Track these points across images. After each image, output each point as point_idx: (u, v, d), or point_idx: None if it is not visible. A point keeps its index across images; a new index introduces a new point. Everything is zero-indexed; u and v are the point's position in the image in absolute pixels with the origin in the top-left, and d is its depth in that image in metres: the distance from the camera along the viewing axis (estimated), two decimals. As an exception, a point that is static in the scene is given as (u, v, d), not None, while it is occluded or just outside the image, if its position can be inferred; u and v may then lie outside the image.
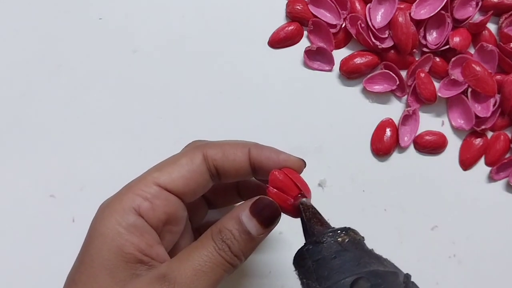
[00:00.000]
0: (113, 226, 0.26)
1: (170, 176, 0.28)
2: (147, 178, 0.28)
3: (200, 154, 0.29)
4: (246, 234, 0.27)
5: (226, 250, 0.27)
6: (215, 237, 0.27)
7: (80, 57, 0.44)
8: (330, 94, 0.44)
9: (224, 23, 0.44)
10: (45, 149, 0.42)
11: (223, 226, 0.27)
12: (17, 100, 0.43)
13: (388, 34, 0.43)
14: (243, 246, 0.27)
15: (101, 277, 0.26)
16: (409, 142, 0.43)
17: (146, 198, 0.27)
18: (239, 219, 0.27)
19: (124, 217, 0.27)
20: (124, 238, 0.26)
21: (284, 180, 0.29)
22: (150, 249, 0.27)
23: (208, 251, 0.27)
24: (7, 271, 0.40)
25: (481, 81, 0.41)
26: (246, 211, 0.27)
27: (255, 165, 0.30)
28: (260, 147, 0.30)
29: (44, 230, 0.41)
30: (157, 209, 0.27)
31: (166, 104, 0.43)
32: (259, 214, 0.27)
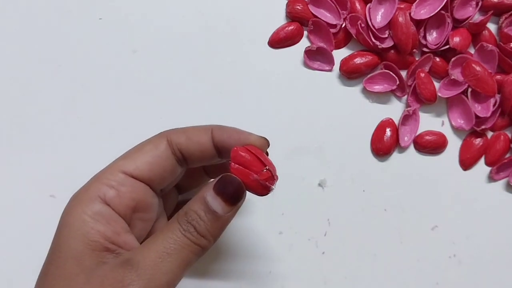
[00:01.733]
0: (79, 215, 0.26)
1: (135, 163, 0.28)
2: (113, 167, 0.28)
3: (164, 139, 0.29)
4: (211, 213, 0.27)
5: (191, 231, 0.26)
6: (180, 219, 0.27)
7: (80, 57, 0.44)
8: (330, 94, 0.44)
9: (224, 23, 0.45)
10: (45, 149, 0.42)
11: (188, 208, 0.27)
12: (17, 100, 0.43)
13: (388, 34, 0.43)
14: (210, 226, 0.27)
15: (68, 266, 0.26)
16: (409, 142, 0.43)
17: (112, 186, 0.27)
18: (204, 199, 0.27)
19: (89, 206, 0.27)
20: (89, 226, 0.26)
21: (247, 156, 0.28)
22: (117, 237, 0.27)
23: (173, 233, 0.26)
24: (7, 271, 0.40)
25: (481, 81, 0.41)
26: (210, 190, 0.27)
27: (219, 146, 0.30)
28: (223, 128, 0.30)
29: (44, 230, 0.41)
30: (123, 196, 0.27)
31: (166, 104, 0.43)
32: (223, 192, 0.27)
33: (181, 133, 0.30)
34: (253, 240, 0.41)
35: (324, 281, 0.41)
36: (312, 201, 0.42)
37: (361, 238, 0.42)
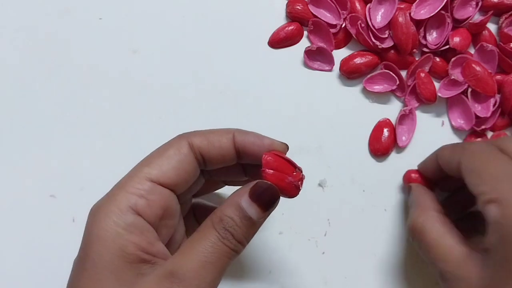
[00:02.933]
0: (112, 227, 0.26)
1: (161, 170, 0.28)
2: (139, 175, 0.28)
3: (186, 143, 0.29)
4: (247, 219, 0.27)
5: (229, 238, 0.27)
6: (216, 226, 0.27)
7: (80, 57, 0.44)
8: (330, 94, 0.44)
9: (224, 23, 0.45)
10: (45, 149, 0.42)
11: (223, 214, 0.27)
12: (17, 100, 0.43)
13: (388, 34, 0.43)
14: (245, 231, 0.27)
15: (106, 281, 0.25)
16: (407, 142, 0.43)
17: (141, 196, 0.27)
18: (239, 205, 0.27)
19: (121, 217, 0.26)
20: (124, 239, 0.26)
21: (277, 160, 0.29)
22: (151, 247, 0.27)
23: (212, 241, 0.26)
24: (7, 271, 0.40)
25: (481, 81, 0.41)
26: (245, 196, 0.27)
27: (240, 150, 0.30)
28: (244, 132, 0.30)
29: (44, 230, 0.41)
30: (153, 205, 0.27)
31: (166, 104, 0.43)
32: (259, 199, 0.27)
33: (203, 136, 0.30)
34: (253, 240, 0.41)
35: (324, 281, 0.41)
36: (312, 201, 0.42)
37: (361, 238, 0.42)
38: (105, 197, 0.28)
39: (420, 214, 0.33)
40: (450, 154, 0.33)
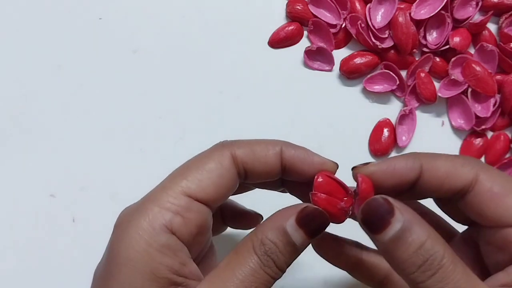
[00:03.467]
0: (144, 248, 0.23)
1: (200, 185, 0.25)
2: (175, 188, 0.25)
3: (228, 155, 0.26)
4: (291, 246, 0.24)
5: (271, 266, 0.24)
6: (258, 250, 0.24)
7: (80, 57, 0.44)
8: (330, 94, 0.44)
9: (224, 23, 0.44)
10: (45, 149, 0.42)
11: (265, 237, 0.24)
12: (17, 100, 0.43)
13: (388, 34, 0.43)
14: (288, 258, 0.25)
15: None
16: (407, 142, 0.43)
17: (177, 212, 0.24)
18: (284, 230, 0.24)
19: (154, 237, 0.23)
20: (157, 262, 0.23)
21: (329, 183, 0.26)
22: (184, 268, 0.24)
23: (252, 268, 0.24)
24: (7, 271, 0.40)
25: (481, 81, 0.41)
26: (291, 220, 0.25)
27: (286, 166, 0.27)
28: (292, 147, 0.27)
29: (44, 230, 0.41)
30: (189, 223, 0.25)
31: (166, 104, 0.43)
32: (307, 225, 0.25)
33: (247, 147, 0.26)
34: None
35: (324, 281, 0.41)
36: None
37: (361, 238, 0.42)
38: (136, 209, 0.25)
39: None
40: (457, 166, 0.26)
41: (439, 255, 0.22)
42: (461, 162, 0.26)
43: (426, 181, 0.26)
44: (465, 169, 0.25)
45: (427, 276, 0.22)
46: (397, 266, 0.23)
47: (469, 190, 0.25)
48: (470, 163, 0.26)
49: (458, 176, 0.25)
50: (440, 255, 0.22)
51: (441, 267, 0.22)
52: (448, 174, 0.25)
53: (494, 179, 0.25)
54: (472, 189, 0.25)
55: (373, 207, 0.24)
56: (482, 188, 0.25)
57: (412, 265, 0.22)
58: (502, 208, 0.24)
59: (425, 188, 0.26)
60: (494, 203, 0.24)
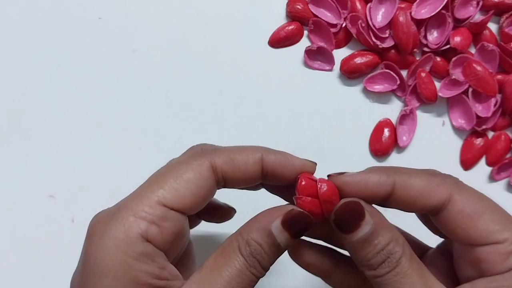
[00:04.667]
0: (122, 258, 0.24)
1: (177, 194, 0.25)
2: (150, 197, 0.25)
3: (208, 164, 0.26)
4: (275, 246, 0.25)
5: (256, 266, 0.25)
6: (243, 251, 0.25)
7: (79, 57, 0.44)
8: (330, 94, 0.43)
9: (224, 23, 0.44)
10: (44, 149, 0.42)
11: (250, 238, 0.25)
12: (17, 100, 0.43)
13: (389, 33, 0.43)
14: (272, 258, 0.26)
15: None
16: (408, 142, 0.43)
17: (153, 222, 0.24)
18: (269, 231, 0.25)
19: (131, 246, 0.24)
20: (136, 270, 0.24)
21: (311, 185, 0.27)
22: (163, 272, 0.25)
23: (238, 269, 0.25)
24: (7, 271, 0.40)
25: (482, 81, 0.41)
26: (276, 222, 0.25)
27: (268, 173, 0.27)
28: (273, 153, 0.27)
29: (44, 230, 0.41)
30: (165, 232, 0.25)
31: (166, 104, 0.43)
32: (292, 227, 0.25)
33: (227, 156, 0.26)
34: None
35: (325, 282, 0.41)
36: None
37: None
38: (110, 217, 0.25)
39: None
40: (432, 186, 0.26)
41: (398, 254, 0.25)
42: (436, 182, 0.26)
43: (398, 198, 0.26)
44: (439, 188, 0.26)
45: (385, 271, 0.25)
46: (360, 262, 0.25)
47: (442, 209, 0.26)
48: (445, 182, 0.26)
49: (432, 195, 0.26)
50: (399, 255, 0.25)
51: (398, 264, 0.25)
52: (422, 193, 0.26)
53: (467, 200, 0.26)
54: (445, 208, 0.26)
55: (346, 209, 0.25)
56: (455, 208, 0.26)
57: (375, 263, 0.25)
58: (472, 229, 0.25)
59: (397, 204, 0.27)
60: (465, 224, 0.25)
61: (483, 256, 0.25)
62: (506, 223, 0.26)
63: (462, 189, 0.26)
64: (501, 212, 0.26)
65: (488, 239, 0.25)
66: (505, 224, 0.25)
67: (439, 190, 0.26)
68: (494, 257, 0.25)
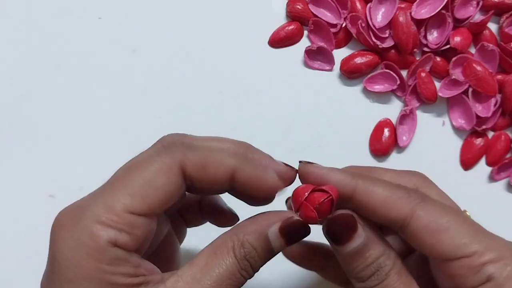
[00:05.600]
0: (95, 265, 0.24)
1: (145, 201, 0.25)
2: (117, 205, 0.24)
3: (178, 169, 0.26)
4: (269, 251, 0.25)
5: (248, 269, 0.25)
6: (237, 253, 0.25)
7: (79, 57, 0.44)
8: (330, 94, 0.43)
9: (224, 23, 0.44)
10: (44, 149, 0.42)
11: (246, 240, 0.25)
12: (17, 100, 0.43)
13: (389, 33, 0.43)
14: (263, 262, 0.26)
15: None
16: (408, 142, 0.43)
17: (122, 230, 0.24)
18: (266, 236, 0.25)
19: (102, 253, 0.24)
20: (111, 273, 0.24)
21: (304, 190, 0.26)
22: (138, 269, 0.25)
23: (229, 270, 0.25)
24: (6, 271, 0.40)
25: (482, 81, 0.41)
26: (274, 228, 0.25)
27: (236, 185, 0.27)
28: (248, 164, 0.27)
29: (44, 230, 0.41)
30: (135, 238, 0.25)
31: (165, 104, 0.43)
32: (290, 235, 0.25)
33: (199, 164, 0.26)
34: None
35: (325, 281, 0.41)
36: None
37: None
38: (76, 221, 0.25)
39: None
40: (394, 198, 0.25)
41: (387, 268, 0.25)
42: (399, 195, 0.25)
43: (358, 203, 0.26)
44: (400, 202, 0.25)
45: (373, 284, 0.25)
46: (351, 273, 0.26)
47: (405, 224, 0.25)
48: (409, 196, 0.25)
49: (392, 207, 0.25)
50: (388, 268, 0.25)
51: (387, 278, 0.25)
52: (382, 203, 0.25)
53: (431, 215, 0.25)
54: (408, 223, 0.25)
55: (339, 221, 0.25)
56: (419, 224, 0.25)
57: (364, 275, 0.25)
58: (439, 245, 0.25)
59: (359, 209, 0.26)
60: (431, 239, 0.25)
61: (454, 271, 0.24)
62: (473, 235, 0.25)
63: (427, 204, 0.25)
64: (468, 224, 0.25)
65: (456, 254, 0.24)
66: (473, 237, 0.25)
67: (400, 203, 0.25)
68: (465, 271, 0.24)
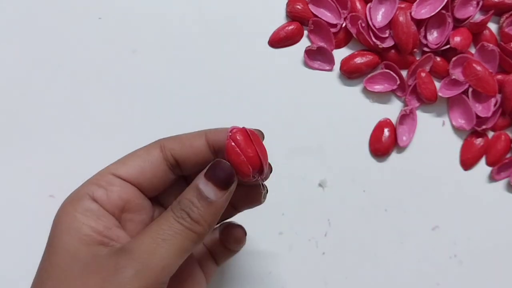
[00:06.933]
0: (70, 213, 0.27)
1: (125, 167, 0.29)
2: (104, 170, 0.29)
3: (157, 145, 0.30)
4: (204, 200, 0.27)
5: (185, 217, 0.27)
6: (174, 208, 0.27)
7: (79, 57, 0.44)
8: (330, 94, 0.43)
9: (224, 23, 0.44)
10: (45, 149, 0.42)
11: (182, 197, 0.28)
12: (16, 100, 0.43)
13: (389, 33, 0.43)
14: (203, 212, 0.27)
15: (63, 259, 0.26)
16: (408, 142, 0.43)
17: (101, 185, 0.28)
18: (197, 186, 0.27)
19: (79, 203, 0.28)
20: (80, 222, 0.27)
21: (241, 138, 0.28)
22: (109, 231, 0.28)
23: (167, 220, 0.27)
24: (6, 271, 0.40)
25: (482, 81, 0.41)
26: (202, 178, 0.27)
27: (214, 148, 0.30)
28: (217, 129, 0.30)
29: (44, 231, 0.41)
30: (112, 195, 0.28)
31: (165, 104, 0.43)
32: (214, 178, 0.27)
33: (175, 139, 0.30)
34: (253, 240, 0.41)
35: (325, 282, 0.41)
36: (312, 201, 0.42)
37: (361, 238, 0.42)
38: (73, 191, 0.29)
39: None
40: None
41: None
42: None
43: None
44: None
45: None
46: None
47: None
48: None
49: None
50: None
51: None
52: None
53: None
54: None
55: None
56: None
57: None
58: None
59: None
60: None
61: None
62: None
63: None
64: None
65: None
66: None
67: None
68: None
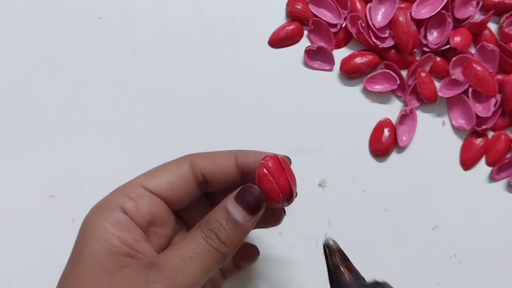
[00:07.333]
0: (100, 222, 0.28)
1: (156, 180, 0.30)
2: (134, 181, 0.30)
3: (187, 161, 0.31)
4: (232, 222, 0.28)
5: (213, 238, 0.27)
6: (203, 227, 0.28)
7: (79, 57, 0.44)
8: (330, 94, 0.43)
9: (224, 23, 0.44)
10: (44, 149, 0.42)
11: (211, 217, 0.28)
12: (16, 100, 0.43)
13: (389, 33, 0.43)
14: (230, 234, 0.28)
15: (91, 268, 0.27)
16: (408, 142, 0.43)
17: (131, 198, 0.29)
18: (226, 208, 0.28)
19: (110, 214, 0.28)
20: (110, 232, 0.28)
21: (274, 166, 0.29)
22: (137, 244, 0.28)
23: (196, 239, 0.27)
24: (6, 271, 0.40)
25: (482, 81, 0.41)
26: (232, 200, 0.28)
27: (243, 169, 0.31)
28: (246, 151, 0.31)
29: (44, 230, 0.41)
30: (141, 208, 0.29)
31: (165, 104, 0.43)
32: (244, 202, 0.28)
33: (205, 157, 0.31)
34: (253, 240, 0.41)
35: (325, 282, 0.41)
36: (312, 201, 0.42)
37: (361, 238, 0.42)
38: (103, 198, 0.30)
39: None
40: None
41: None
42: None
43: None
44: None
45: None
46: None
47: None
48: None
49: None
50: None
51: None
52: None
53: None
54: None
55: None
56: None
57: None
58: None
59: None
60: None
61: None
62: None
63: None
64: None
65: None
66: None
67: None
68: None
